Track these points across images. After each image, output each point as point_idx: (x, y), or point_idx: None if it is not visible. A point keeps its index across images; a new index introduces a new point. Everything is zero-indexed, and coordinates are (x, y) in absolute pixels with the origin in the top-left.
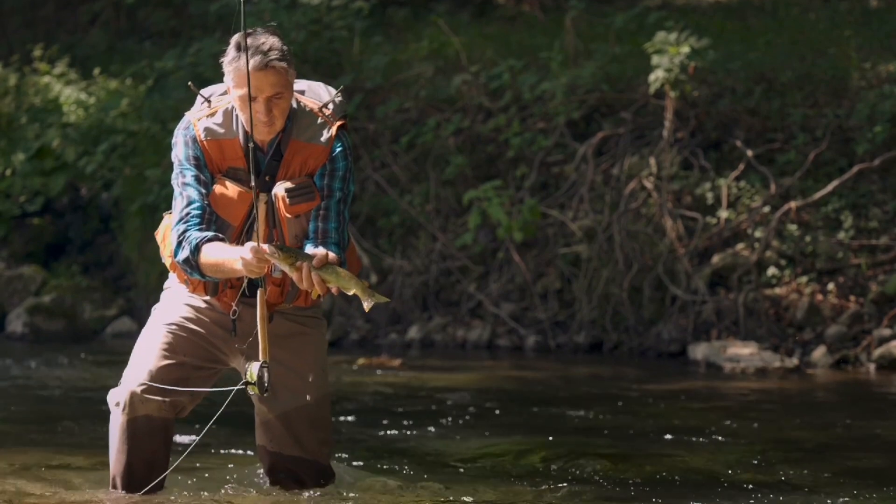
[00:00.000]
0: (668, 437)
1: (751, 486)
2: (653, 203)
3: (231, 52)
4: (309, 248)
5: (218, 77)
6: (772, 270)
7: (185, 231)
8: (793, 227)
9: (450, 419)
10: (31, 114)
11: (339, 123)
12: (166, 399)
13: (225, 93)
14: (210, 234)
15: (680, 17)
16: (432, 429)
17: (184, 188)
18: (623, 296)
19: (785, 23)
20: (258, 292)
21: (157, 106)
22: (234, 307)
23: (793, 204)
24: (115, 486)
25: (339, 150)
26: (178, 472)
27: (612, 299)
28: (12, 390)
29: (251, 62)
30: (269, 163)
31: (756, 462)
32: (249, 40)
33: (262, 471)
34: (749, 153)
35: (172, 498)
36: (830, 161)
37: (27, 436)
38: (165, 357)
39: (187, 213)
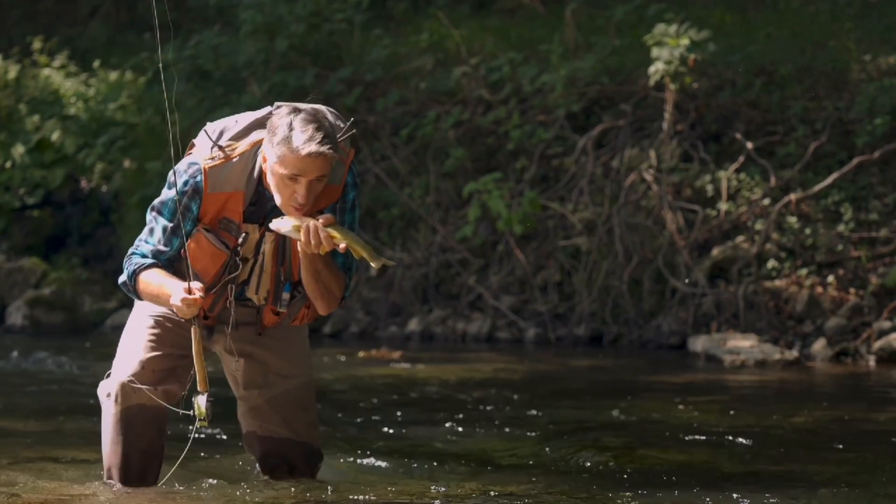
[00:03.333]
0: (668, 429)
1: (750, 479)
2: (653, 195)
3: (283, 129)
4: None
5: (217, 69)
6: (772, 263)
7: (131, 254)
8: (793, 220)
9: (449, 412)
10: (31, 106)
11: (350, 160)
12: (157, 387)
13: (238, 136)
14: (149, 261)
15: (680, 10)
16: (431, 421)
17: (157, 231)
18: (623, 288)
19: (785, 15)
20: (192, 329)
21: (157, 99)
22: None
23: (793, 196)
24: (110, 478)
25: (349, 182)
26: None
27: (612, 292)
28: (12, 383)
29: (304, 148)
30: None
31: (755, 454)
32: (303, 119)
33: (253, 458)
34: (749, 145)
35: (168, 489)
36: (830, 153)
37: (26, 428)
38: (153, 348)
39: (144, 244)
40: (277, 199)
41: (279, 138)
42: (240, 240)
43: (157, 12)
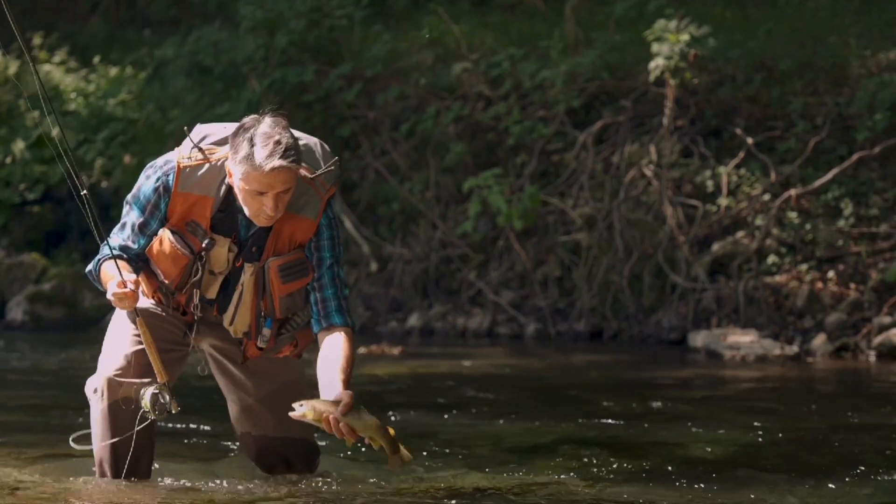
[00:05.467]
0: (668, 424)
1: (750, 473)
2: (653, 191)
3: (244, 146)
4: (327, 386)
5: (217, 65)
6: (772, 258)
7: (103, 245)
8: (793, 215)
9: (448, 407)
10: (31, 102)
11: (328, 196)
12: (144, 381)
13: (220, 142)
14: (116, 253)
15: (680, 5)
16: (430, 415)
17: (127, 227)
18: (623, 283)
19: (785, 11)
20: (138, 321)
21: (157, 94)
22: (196, 314)
23: (793, 192)
24: (103, 473)
25: (324, 222)
26: (164, 457)
27: (612, 287)
28: (11, 378)
29: (266, 164)
30: (258, 233)
31: (755, 449)
32: (262, 134)
33: (250, 459)
34: (749, 141)
35: (161, 482)
36: (830, 149)
37: (23, 423)
38: (137, 342)
39: (116, 237)
40: (247, 211)
41: (241, 156)
42: (204, 244)
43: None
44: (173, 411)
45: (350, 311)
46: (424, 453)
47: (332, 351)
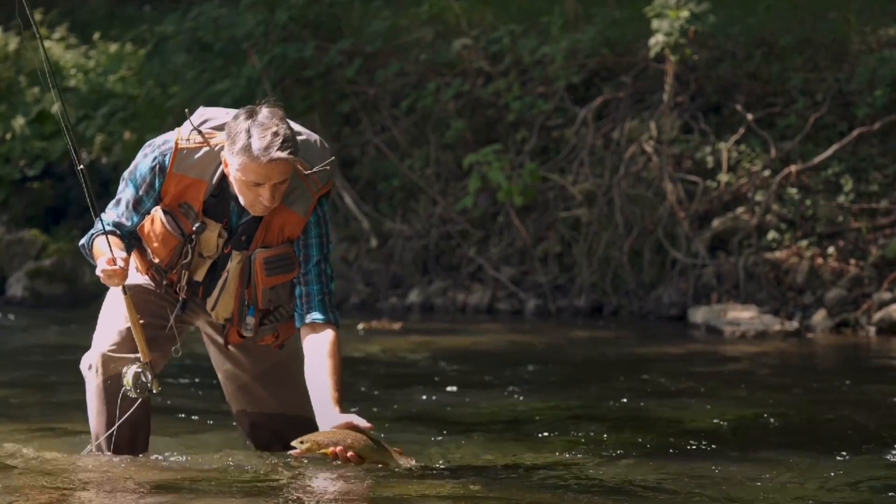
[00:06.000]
0: (668, 400)
1: (749, 449)
2: (653, 167)
3: (241, 136)
4: (321, 410)
5: (217, 41)
6: (772, 234)
7: (98, 220)
8: (793, 191)
9: (448, 382)
10: (31, 78)
11: (320, 194)
12: (137, 356)
13: (220, 127)
14: (109, 229)
15: None
16: (430, 392)
17: (122, 203)
18: (623, 259)
19: None
20: (124, 299)
21: (157, 70)
22: (182, 295)
23: (793, 168)
24: (98, 449)
25: (312, 220)
26: (162, 435)
27: (612, 263)
28: (10, 353)
29: (264, 156)
30: (248, 223)
31: (755, 425)
32: (260, 125)
33: (246, 436)
34: (749, 117)
35: (158, 458)
36: (830, 125)
37: (20, 399)
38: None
39: (111, 212)
40: (242, 201)
41: (238, 147)
42: (195, 227)
43: None
44: (154, 391)
45: (334, 307)
46: (420, 429)
47: (319, 361)
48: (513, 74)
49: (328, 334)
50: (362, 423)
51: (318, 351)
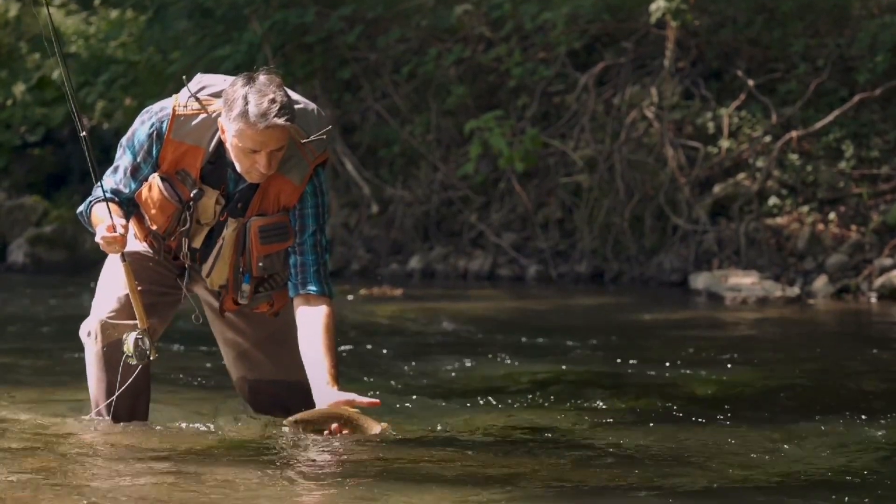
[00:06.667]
0: (669, 366)
1: (750, 414)
2: (654, 133)
3: (238, 103)
4: (318, 386)
5: (218, 7)
6: (773, 200)
7: (96, 187)
8: (794, 157)
9: (449, 348)
10: (32, 44)
11: (316, 163)
12: (133, 322)
13: (218, 94)
14: (108, 196)
15: None
16: (433, 358)
17: (120, 170)
18: (624, 225)
19: None
20: (123, 266)
21: (158, 36)
22: (186, 262)
23: (794, 133)
24: (98, 415)
25: (308, 190)
26: (162, 402)
27: (613, 229)
28: (10, 320)
29: (261, 122)
30: (244, 190)
31: (755, 391)
32: (257, 92)
33: (246, 403)
34: (750, 83)
35: (158, 425)
36: (831, 90)
37: (21, 366)
38: None
39: (109, 179)
40: (238, 167)
41: (235, 113)
42: (193, 193)
43: None
44: (151, 357)
45: (328, 278)
46: (421, 395)
47: (314, 337)
48: (514, 40)
49: (322, 308)
50: (363, 400)
51: (312, 326)
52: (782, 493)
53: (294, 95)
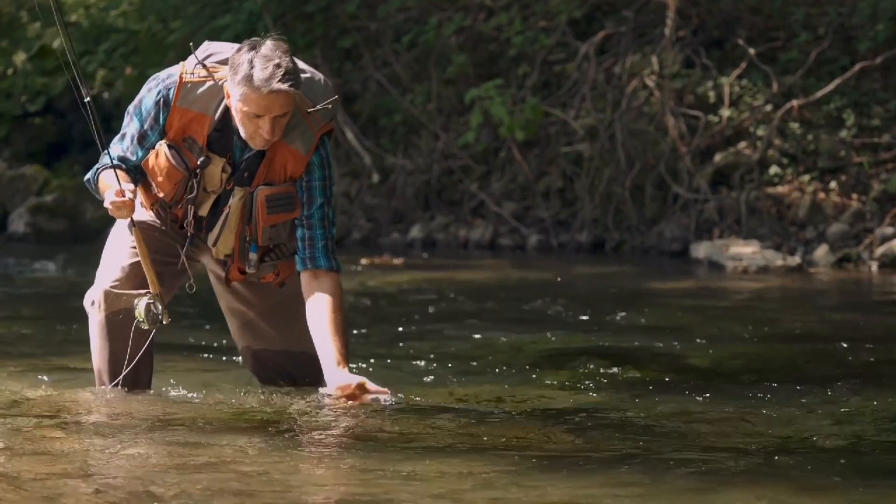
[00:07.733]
0: (670, 335)
1: (750, 383)
2: (655, 102)
3: (243, 67)
4: (328, 367)
5: None
6: (774, 169)
7: (104, 154)
8: (795, 126)
9: (449, 317)
10: (32, 13)
11: (322, 133)
12: (140, 292)
13: (224, 62)
14: (116, 163)
15: None
16: (436, 327)
17: (127, 137)
18: (625, 194)
19: None
20: (134, 231)
21: (159, 5)
22: (190, 230)
23: (795, 102)
24: (102, 384)
25: (315, 161)
26: (166, 371)
27: (614, 198)
28: (11, 290)
29: (265, 87)
30: (251, 159)
31: (757, 359)
32: (263, 56)
33: (252, 374)
34: (751, 52)
35: (162, 394)
36: (832, 59)
37: (23, 335)
38: (135, 254)
39: (116, 146)
40: (243, 133)
41: (240, 77)
42: (199, 161)
43: None
44: (164, 322)
45: (335, 252)
46: (424, 365)
47: (323, 315)
48: (514, 9)
49: (331, 285)
50: (373, 387)
51: (321, 303)
52: (784, 461)
53: (301, 64)
